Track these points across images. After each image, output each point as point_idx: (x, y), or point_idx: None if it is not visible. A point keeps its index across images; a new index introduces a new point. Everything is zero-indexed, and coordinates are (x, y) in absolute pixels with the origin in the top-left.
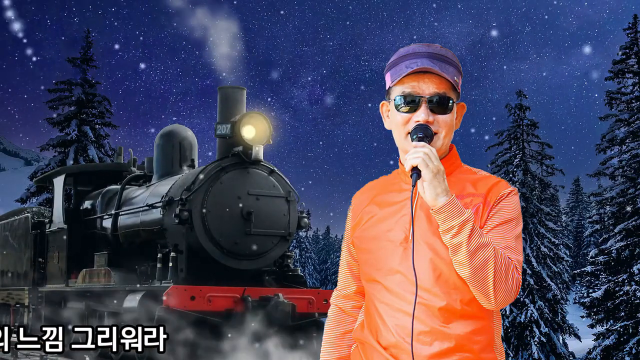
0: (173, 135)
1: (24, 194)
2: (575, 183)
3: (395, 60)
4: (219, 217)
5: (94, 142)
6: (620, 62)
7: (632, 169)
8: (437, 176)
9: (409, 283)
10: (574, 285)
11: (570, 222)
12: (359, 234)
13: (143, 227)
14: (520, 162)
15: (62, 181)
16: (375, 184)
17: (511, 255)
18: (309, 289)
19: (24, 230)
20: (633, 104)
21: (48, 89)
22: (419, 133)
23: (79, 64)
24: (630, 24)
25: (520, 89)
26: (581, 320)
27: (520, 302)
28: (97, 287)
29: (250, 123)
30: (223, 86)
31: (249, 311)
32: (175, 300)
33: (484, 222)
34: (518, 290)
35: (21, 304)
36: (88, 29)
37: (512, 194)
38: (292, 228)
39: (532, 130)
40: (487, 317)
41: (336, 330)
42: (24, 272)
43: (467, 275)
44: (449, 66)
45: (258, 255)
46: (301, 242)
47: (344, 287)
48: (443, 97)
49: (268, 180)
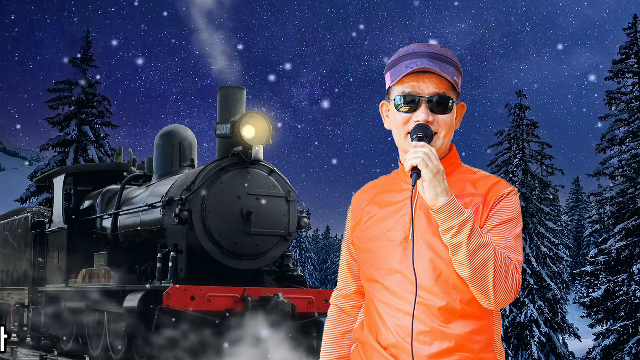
0: (173, 135)
1: (24, 194)
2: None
3: (395, 60)
4: (219, 217)
5: (94, 142)
6: (620, 62)
7: (632, 169)
8: (437, 176)
9: (409, 283)
10: (574, 285)
11: (570, 222)
12: (359, 234)
13: (143, 227)
14: (520, 162)
15: (62, 181)
16: (375, 184)
17: (511, 255)
18: (309, 289)
19: (24, 230)
20: (633, 104)
21: (48, 89)
22: (419, 133)
23: (79, 64)
24: (630, 24)
25: (520, 89)
26: (581, 320)
27: (520, 302)
28: (97, 287)
29: (250, 123)
30: (223, 86)
31: (249, 311)
32: (175, 300)
33: (484, 222)
34: (518, 290)
35: (21, 304)
36: (88, 29)
37: (512, 194)
38: (292, 228)
39: (532, 130)
40: (487, 317)
41: (336, 330)
42: (24, 272)
43: (467, 275)
44: (449, 66)
45: (258, 255)
46: (301, 242)
47: (344, 287)
48: (443, 97)
49: (268, 180)
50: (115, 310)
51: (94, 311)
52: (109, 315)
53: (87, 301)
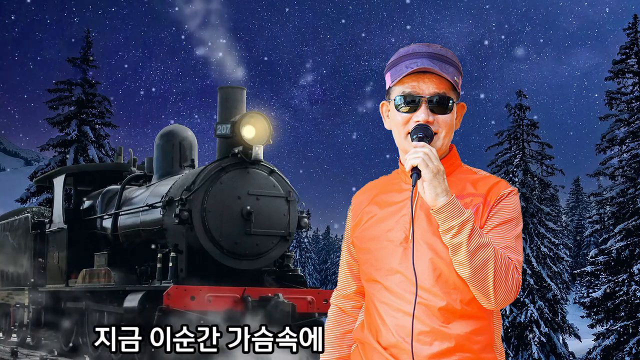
0: (173, 135)
1: (24, 194)
2: (575, 183)
3: (395, 60)
4: (219, 217)
5: (94, 142)
6: (620, 62)
7: (632, 169)
8: (437, 176)
9: (409, 283)
10: (574, 285)
11: (570, 222)
12: (359, 234)
13: (143, 227)
14: (520, 162)
15: (62, 181)
16: (375, 184)
17: (511, 255)
18: (309, 289)
19: (24, 230)
20: (633, 104)
21: (48, 89)
22: (419, 133)
23: (79, 64)
24: (630, 24)
25: (520, 89)
26: (581, 320)
27: (520, 302)
28: (97, 287)
29: (250, 123)
30: (223, 86)
31: (249, 311)
32: (175, 300)
33: (484, 222)
34: (518, 290)
35: (21, 304)
36: (88, 29)
37: (512, 194)
38: (292, 228)
39: (532, 130)
40: (487, 317)
41: (336, 330)
42: (24, 272)
43: (467, 275)
44: (449, 66)
45: (258, 255)
46: (301, 242)
47: (344, 287)
48: (443, 97)
49: (268, 180)
50: (115, 310)
51: (94, 311)
52: (109, 315)
53: (87, 301)
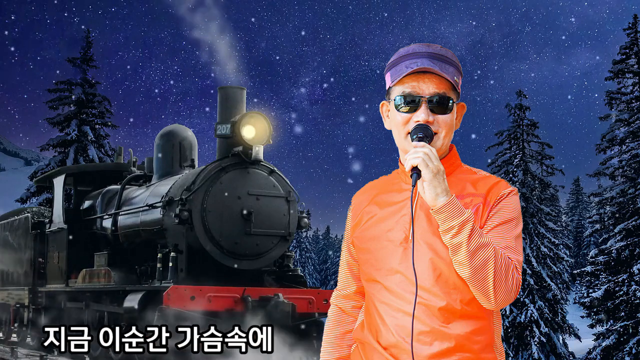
0: (173, 135)
1: (24, 194)
2: (575, 183)
3: (395, 60)
4: (219, 217)
5: (94, 142)
6: (620, 62)
7: (632, 169)
8: (437, 176)
9: (409, 283)
10: (574, 285)
11: (570, 222)
12: (359, 233)
13: (143, 227)
14: (520, 162)
15: (62, 181)
16: (375, 184)
17: (511, 255)
18: (309, 289)
19: (24, 230)
20: (633, 104)
21: (48, 89)
22: (419, 133)
23: (79, 64)
24: (630, 24)
25: (520, 89)
26: (581, 320)
27: (520, 302)
28: (97, 287)
29: (250, 123)
30: (223, 86)
31: (249, 311)
32: (175, 300)
33: (484, 222)
34: (518, 290)
35: (21, 304)
36: (88, 29)
37: (512, 194)
38: (292, 228)
39: (532, 130)
40: (487, 317)
41: (336, 330)
42: (24, 272)
43: (467, 275)
44: (449, 66)
45: (258, 255)
46: (301, 242)
47: (344, 287)
48: (443, 97)
49: (268, 180)
50: (115, 310)
51: (94, 311)
52: (109, 315)
53: (87, 301)
